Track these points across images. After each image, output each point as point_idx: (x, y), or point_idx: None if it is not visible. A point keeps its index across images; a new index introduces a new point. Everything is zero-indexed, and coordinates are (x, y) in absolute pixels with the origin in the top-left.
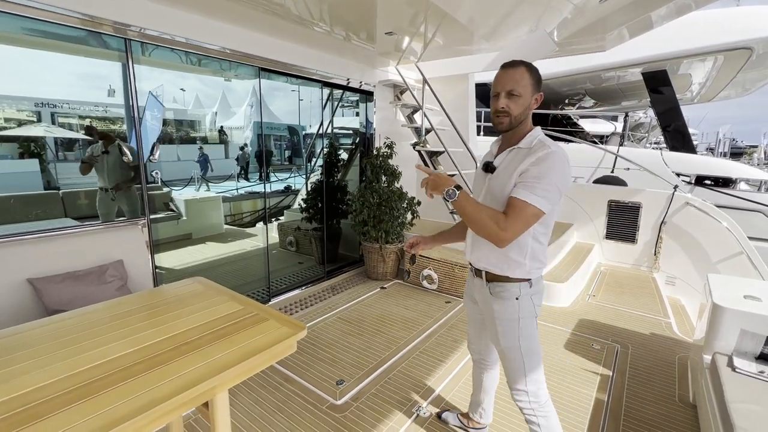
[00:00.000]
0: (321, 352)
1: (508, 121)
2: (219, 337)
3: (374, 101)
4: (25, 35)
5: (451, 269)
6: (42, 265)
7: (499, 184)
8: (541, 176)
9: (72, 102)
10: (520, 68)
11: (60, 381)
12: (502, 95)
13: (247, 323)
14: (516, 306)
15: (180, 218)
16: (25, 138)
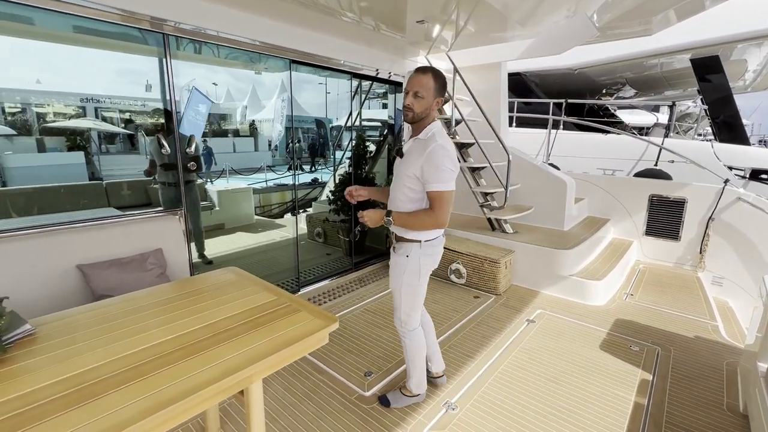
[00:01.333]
0: (349, 343)
1: (411, 116)
2: (254, 326)
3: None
4: (72, 33)
5: (481, 264)
6: (90, 252)
7: (403, 168)
8: (437, 167)
9: (115, 97)
10: (428, 74)
11: (109, 363)
12: (410, 94)
13: (280, 313)
14: (405, 261)
15: (213, 208)
16: (72, 131)
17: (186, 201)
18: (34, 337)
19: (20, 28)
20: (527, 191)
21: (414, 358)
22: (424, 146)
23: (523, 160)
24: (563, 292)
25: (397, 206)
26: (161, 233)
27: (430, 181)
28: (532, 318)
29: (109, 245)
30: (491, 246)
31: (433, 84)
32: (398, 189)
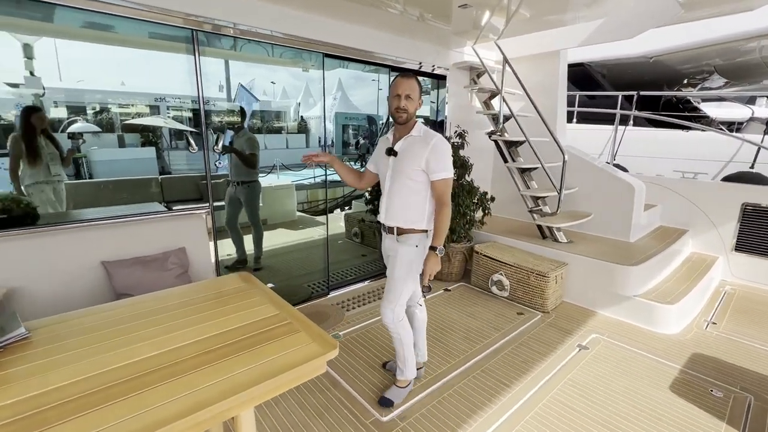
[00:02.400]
0: (373, 357)
1: (405, 116)
2: (245, 347)
3: (447, 86)
4: (148, 39)
5: (527, 276)
6: (115, 249)
7: (405, 163)
8: (443, 157)
9: (185, 96)
10: (413, 78)
11: (78, 383)
12: (402, 97)
13: (277, 333)
14: (414, 251)
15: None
16: (145, 128)
17: (245, 201)
18: (29, 342)
19: (105, 36)
20: (586, 196)
21: (408, 346)
22: (425, 141)
23: (583, 161)
24: (625, 315)
25: (403, 200)
26: (185, 232)
27: (438, 170)
28: (584, 343)
29: (134, 243)
30: (540, 257)
31: (418, 86)
32: (400, 184)
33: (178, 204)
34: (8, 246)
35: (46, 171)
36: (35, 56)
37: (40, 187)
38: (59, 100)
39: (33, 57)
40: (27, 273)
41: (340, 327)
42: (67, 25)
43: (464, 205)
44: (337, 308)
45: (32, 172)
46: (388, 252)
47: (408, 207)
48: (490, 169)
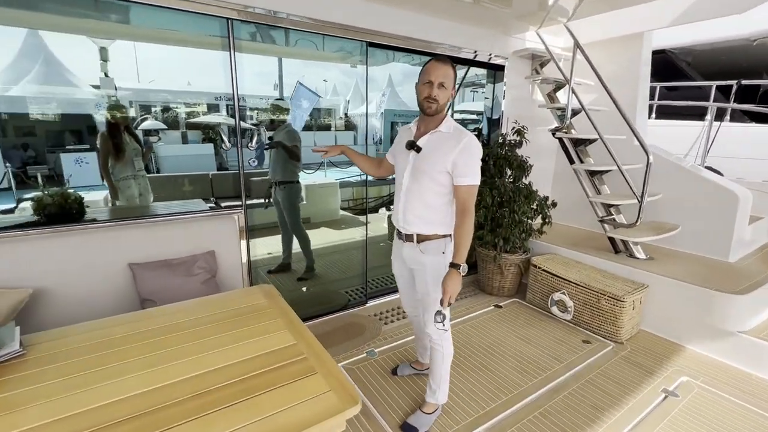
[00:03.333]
0: (407, 381)
1: (435, 107)
2: (250, 391)
3: (504, 77)
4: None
5: (596, 299)
6: (143, 250)
7: (428, 162)
8: (473, 161)
9: (244, 95)
10: (449, 64)
11: (59, 422)
12: (435, 85)
13: (290, 373)
14: (443, 258)
15: (301, 202)
16: (206, 126)
17: (283, 204)
18: (23, 360)
19: (173, 36)
20: (672, 204)
21: (448, 364)
22: (456, 139)
23: (670, 163)
24: (726, 355)
25: (423, 203)
26: (215, 234)
27: (464, 175)
28: (672, 388)
29: (162, 245)
30: (613, 275)
31: (453, 75)
32: (421, 184)
33: (225, 200)
34: (38, 245)
35: (131, 166)
36: (110, 59)
37: (127, 182)
38: (132, 100)
39: (108, 59)
40: (55, 273)
41: (375, 342)
42: (137, 26)
43: (520, 212)
44: (374, 320)
45: (119, 168)
46: (410, 264)
47: (429, 210)
48: (552, 171)
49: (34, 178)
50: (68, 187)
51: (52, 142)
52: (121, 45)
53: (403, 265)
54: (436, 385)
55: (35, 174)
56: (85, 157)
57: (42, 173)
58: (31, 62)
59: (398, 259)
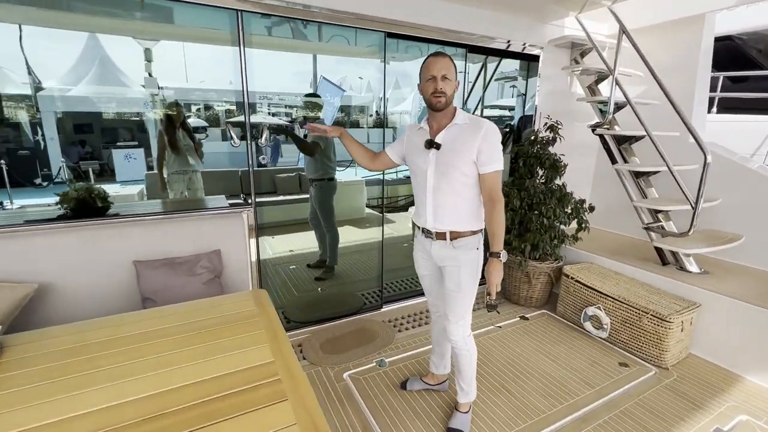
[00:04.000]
0: (416, 398)
1: (444, 101)
2: (207, 418)
3: (538, 68)
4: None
5: (636, 316)
6: (148, 248)
7: (455, 157)
8: (494, 146)
9: (283, 93)
10: (447, 57)
11: None
12: (439, 78)
13: (257, 398)
14: (476, 255)
15: None
16: (244, 123)
17: (314, 201)
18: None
19: (214, 36)
20: (733, 211)
21: (475, 363)
22: (475, 127)
23: (731, 163)
24: None
25: (455, 199)
26: (221, 232)
27: (488, 162)
28: (727, 429)
29: (167, 242)
30: (658, 290)
31: (453, 65)
32: (450, 180)
33: (258, 196)
34: (45, 240)
35: (184, 161)
36: (153, 59)
37: (178, 177)
38: (177, 99)
39: (152, 60)
40: (61, 269)
41: (387, 351)
42: (181, 27)
43: (552, 216)
44: (387, 327)
45: (172, 163)
46: (441, 262)
47: (461, 206)
48: (590, 171)
49: (86, 172)
50: (118, 181)
51: (107, 138)
52: (165, 45)
53: (430, 264)
54: (467, 385)
55: (87, 169)
56: (133, 153)
57: (93, 168)
58: (89, 65)
59: (425, 258)
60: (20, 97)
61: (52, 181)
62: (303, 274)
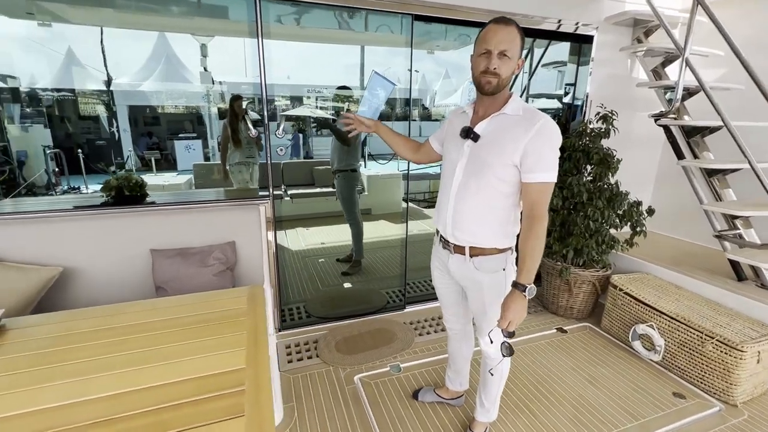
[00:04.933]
0: (427, 410)
1: (496, 83)
2: (156, 427)
3: (593, 51)
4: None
5: (700, 341)
6: (164, 237)
7: (491, 153)
8: (548, 150)
9: (331, 86)
10: (512, 26)
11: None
12: (494, 54)
13: (214, 410)
14: (503, 276)
15: (362, 193)
16: (297, 117)
17: (338, 192)
18: None
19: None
20: None
21: (504, 383)
22: (527, 122)
23: None
24: None
25: (481, 206)
26: (237, 224)
27: (536, 169)
28: None
29: (183, 232)
30: (730, 311)
31: (520, 40)
32: (480, 182)
33: (294, 188)
34: (71, 226)
35: (245, 153)
36: (208, 54)
37: (239, 167)
38: (234, 93)
39: (206, 55)
40: (84, 254)
41: (404, 356)
42: (239, 23)
43: (600, 218)
44: (408, 329)
45: (235, 154)
46: (460, 281)
47: (488, 216)
48: (653, 168)
49: (150, 161)
50: (178, 170)
51: (171, 130)
52: (222, 41)
53: (448, 278)
54: (489, 403)
55: (150, 158)
56: (192, 145)
57: (155, 157)
58: (156, 62)
59: (442, 271)
60: (99, 92)
61: (124, 168)
62: (330, 268)
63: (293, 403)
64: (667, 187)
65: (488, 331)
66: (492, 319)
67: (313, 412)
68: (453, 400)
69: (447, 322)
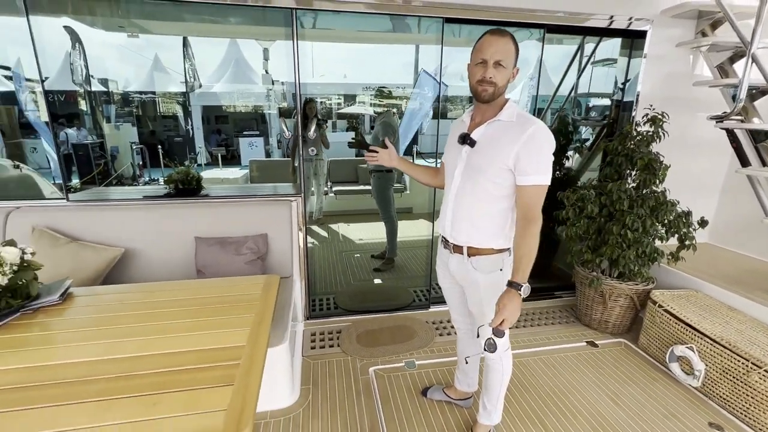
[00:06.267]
0: (436, 411)
1: (492, 92)
2: (158, 386)
3: (645, 47)
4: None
5: (744, 369)
6: (207, 226)
7: (486, 158)
8: (542, 155)
9: (388, 85)
10: (507, 37)
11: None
12: (490, 64)
13: (209, 378)
14: (500, 275)
15: (404, 191)
16: (350, 116)
17: (373, 191)
18: (57, 308)
19: (333, 35)
20: None
21: (506, 384)
22: (520, 128)
23: None
24: None
25: (477, 209)
26: (270, 218)
27: (531, 173)
28: None
29: (222, 223)
30: None
31: (514, 50)
32: (475, 185)
33: (338, 185)
34: (132, 214)
35: (313, 149)
36: (270, 57)
37: (307, 164)
38: (286, 92)
39: (268, 58)
40: (142, 238)
41: (421, 353)
42: (304, 28)
43: (641, 228)
44: (429, 328)
45: (304, 151)
46: (459, 280)
47: (484, 218)
48: (715, 176)
49: (217, 157)
50: (242, 165)
51: (237, 128)
52: (282, 44)
53: (451, 278)
54: (491, 405)
55: (218, 154)
56: (255, 142)
57: (221, 153)
58: (227, 66)
59: (445, 271)
60: (179, 94)
61: (196, 162)
62: (364, 263)
63: (309, 386)
64: (734, 197)
65: (478, 326)
66: (488, 315)
67: (326, 397)
68: (461, 400)
69: (455, 322)
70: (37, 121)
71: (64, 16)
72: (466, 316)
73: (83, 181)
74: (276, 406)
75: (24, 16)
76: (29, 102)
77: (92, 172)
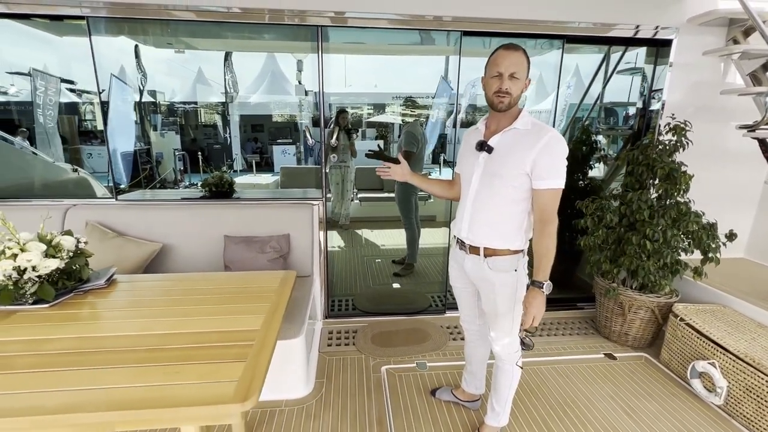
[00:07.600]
0: (444, 411)
1: (507, 102)
2: (181, 359)
3: (671, 56)
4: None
5: None
6: (235, 226)
7: (504, 164)
8: (555, 159)
9: (416, 94)
10: (520, 51)
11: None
12: (505, 76)
13: (225, 354)
14: (514, 276)
15: (428, 200)
16: (379, 124)
17: (396, 197)
18: (102, 291)
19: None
20: None
21: (516, 386)
22: (535, 136)
23: None
24: None
25: (495, 212)
26: (293, 219)
27: (544, 177)
28: None
29: (249, 223)
30: None
31: (526, 63)
32: (493, 190)
33: (363, 192)
34: (169, 212)
35: (341, 157)
36: (303, 69)
37: (335, 171)
38: (329, 103)
39: (302, 70)
40: (177, 234)
41: (433, 356)
42: (334, 43)
43: (661, 239)
44: (443, 332)
45: (327, 158)
46: (474, 280)
47: (501, 221)
48: (752, 188)
49: (251, 164)
50: (275, 172)
51: (271, 137)
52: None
53: (465, 279)
54: (500, 407)
55: (252, 160)
56: (287, 149)
57: (255, 160)
58: (264, 77)
59: (459, 272)
60: (219, 104)
61: (232, 169)
62: (385, 268)
63: (324, 380)
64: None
65: (505, 333)
66: (505, 316)
67: (339, 390)
68: (468, 402)
69: (463, 323)
70: None
71: (121, 36)
72: (477, 317)
73: (130, 184)
74: (291, 396)
75: (87, 36)
76: (88, 113)
77: (139, 176)
